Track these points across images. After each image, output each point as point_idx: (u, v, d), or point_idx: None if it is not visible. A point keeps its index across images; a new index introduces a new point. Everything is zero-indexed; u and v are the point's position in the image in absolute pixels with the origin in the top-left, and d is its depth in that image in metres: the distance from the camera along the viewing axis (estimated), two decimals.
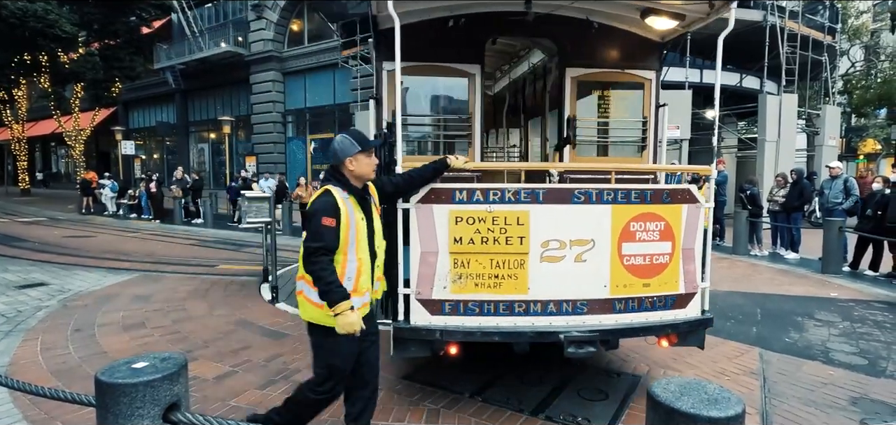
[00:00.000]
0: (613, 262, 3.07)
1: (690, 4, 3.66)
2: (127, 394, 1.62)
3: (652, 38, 4.31)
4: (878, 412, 3.41)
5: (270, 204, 6.27)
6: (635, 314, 3.15)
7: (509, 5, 3.87)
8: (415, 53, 3.82)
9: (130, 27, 21.63)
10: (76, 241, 11.78)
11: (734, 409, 1.42)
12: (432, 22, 3.87)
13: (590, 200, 3.03)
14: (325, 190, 2.47)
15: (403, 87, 3.95)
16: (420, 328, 3.07)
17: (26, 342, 4.72)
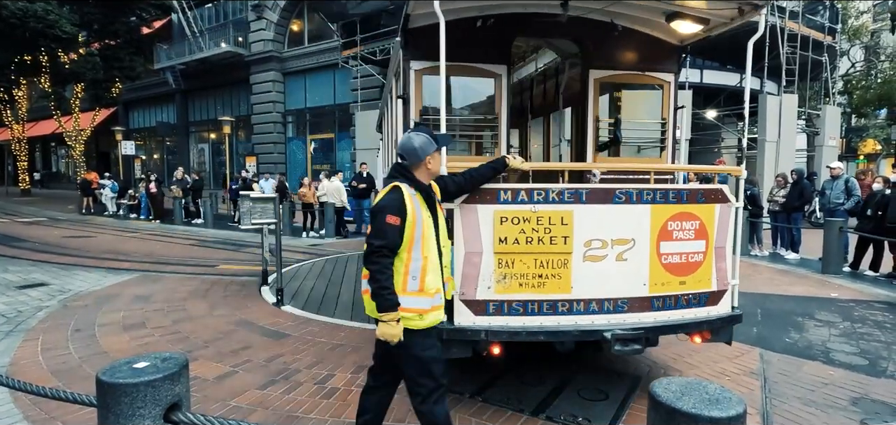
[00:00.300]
0: (652, 261, 3.12)
1: (719, 10, 3.72)
2: (128, 394, 1.62)
3: (671, 41, 4.40)
4: (879, 412, 3.41)
5: (275, 204, 6.19)
6: (672, 311, 3.20)
7: (546, 7, 3.90)
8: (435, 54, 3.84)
9: (130, 27, 21.64)
10: (76, 242, 11.78)
11: (735, 409, 1.43)
12: (460, 22, 3.88)
13: (631, 200, 3.07)
14: (393, 186, 2.41)
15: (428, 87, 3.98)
16: (464, 328, 3.07)
17: (26, 342, 4.72)
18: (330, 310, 5.87)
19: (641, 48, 4.38)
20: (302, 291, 6.75)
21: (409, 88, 3.94)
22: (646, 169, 4.26)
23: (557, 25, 3.99)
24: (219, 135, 23.52)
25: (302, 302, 6.20)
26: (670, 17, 3.84)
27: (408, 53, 3.93)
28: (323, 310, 5.84)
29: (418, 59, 3.94)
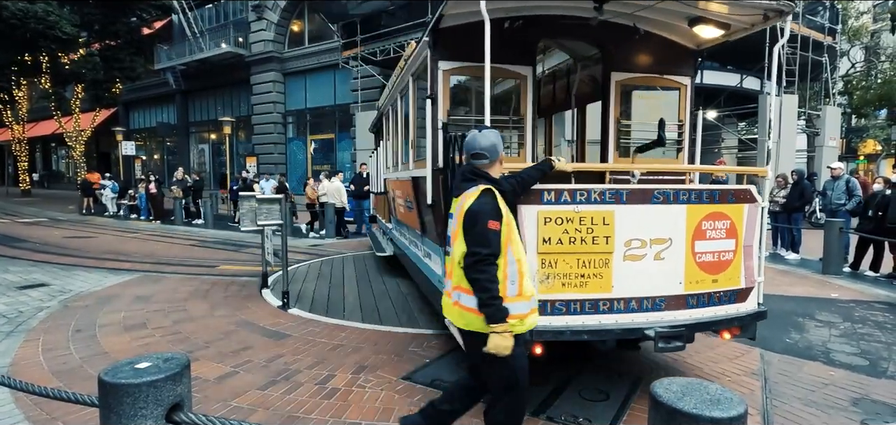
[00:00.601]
0: (687, 260, 3.20)
1: (744, 16, 3.80)
2: (130, 395, 1.62)
3: (688, 45, 4.51)
4: (879, 412, 3.41)
5: (281, 205, 6.10)
6: (705, 309, 3.28)
7: (580, 11, 3.94)
8: (470, 54, 3.93)
9: (131, 28, 21.67)
10: (77, 242, 11.79)
11: (736, 410, 1.43)
12: (492, 21, 3.87)
13: (668, 200, 3.15)
14: (485, 190, 2.32)
15: (454, 86, 4.02)
16: None
17: (27, 342, 4.72)
18: (338, 312, 5.77)
19: (660, 52, 4.48)
20: (305, 292, 6.73)
21: (437, 88, 3.92)
22: (683, 170, 4.50)
23: (581, 28, 4.07)
24: (219, 136, 23.54)
25: (307, 304, 6.12)
26: (693, 21, 3.93)
27: (436, 53, 3.94)
28: (331, 313, 5.71)
29: (446, 59, 3.97)
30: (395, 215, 6.79)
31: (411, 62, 4.80)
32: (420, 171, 4.53)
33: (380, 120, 8.81)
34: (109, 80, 21.35)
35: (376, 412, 3.34)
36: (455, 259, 2.32)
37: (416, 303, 6.06)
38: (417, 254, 5.35)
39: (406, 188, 5.22)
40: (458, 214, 2.34)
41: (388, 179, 7.12)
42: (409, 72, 4.90)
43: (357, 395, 3.59)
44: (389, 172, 7.09)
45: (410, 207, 5.15)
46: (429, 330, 5.03)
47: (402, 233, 6.51)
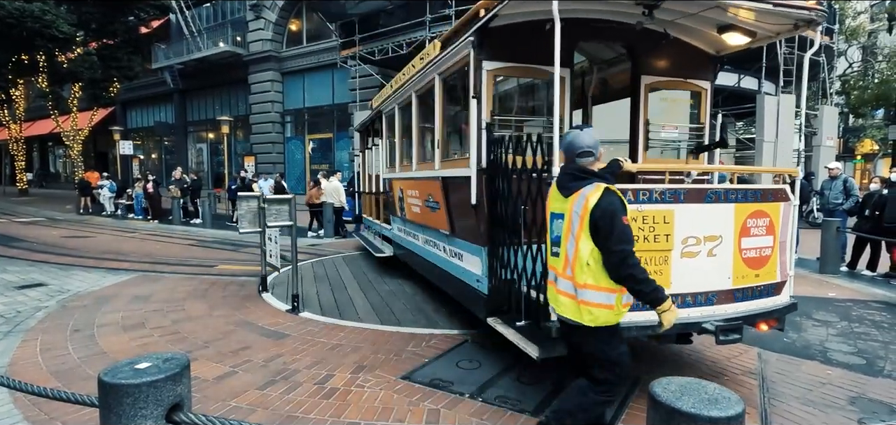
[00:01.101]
0: (735, 256, 3.34)
1: (776, 25, 3.96)
2: (130, 395, 1.63)
3: (708, 51, 4.69)
4: (876, 411, 3.43)
5: (291, 206, 5.89)
6: (750, 302, 3.42)
7: (627, 17, 4.07)
8: (513, 54, 4.06)
9: (129, 27, 21.60)
10: (75, 242, 11.76)
11: (734, 409, 1.44)
12: (531, 24, 3.93)
13: (719, 199, 3.30)
14: (606, 188, 2.36)
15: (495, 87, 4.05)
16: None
17: (25, 342, 4.71)
18: (352, 315, 5.63)
19: (683, 57, 4.64)
20: (310, 295, 6.65)
21: (480, 88, 3.94)
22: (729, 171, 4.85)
23: (614, 32, 4.19)
24: (217, 135, 23.49)
25: (316, 307, 5.95)
26: (722, 28, 4.05)
27: (482, 53, 3.95)
28: (346, 316, 5.58)
29: (491, 59, 3.99)
30: (401, 215, 6.71)
31: (440, 61, 4.76)
32: (455, 171, 4.52)
33: (375, 120, 8.77)
34: (107, 80, 21.29)
35: (375, 412, 3.34)
36: (581, 257, 2.35)
37: (431, 304, 6.06)
38: (439, 254, 5.26)
39: (429, 188, 5.16)
40: (581, 213, 2.36)
41: (392, 179, 7.05)
42: (436, 71, 4.86)
43: (356, 395, 3.59)
44: (392, 172, 7.03)
45: (434, 207, 5.08)
46: (451, 331, 5.04)
47: (412, 234, 6.41)
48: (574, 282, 2.40)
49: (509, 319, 3.81)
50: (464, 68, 4.27)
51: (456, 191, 4.52)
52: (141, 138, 29.43)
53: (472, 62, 3.99)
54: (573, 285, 2.41)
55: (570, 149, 2.52)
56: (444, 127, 4.92)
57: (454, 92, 5.11)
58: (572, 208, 2.43)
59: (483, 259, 4.11)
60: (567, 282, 2.44)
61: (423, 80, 5.37)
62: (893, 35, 21.43)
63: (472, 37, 3.96)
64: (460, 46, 4.21)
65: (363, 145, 10.83)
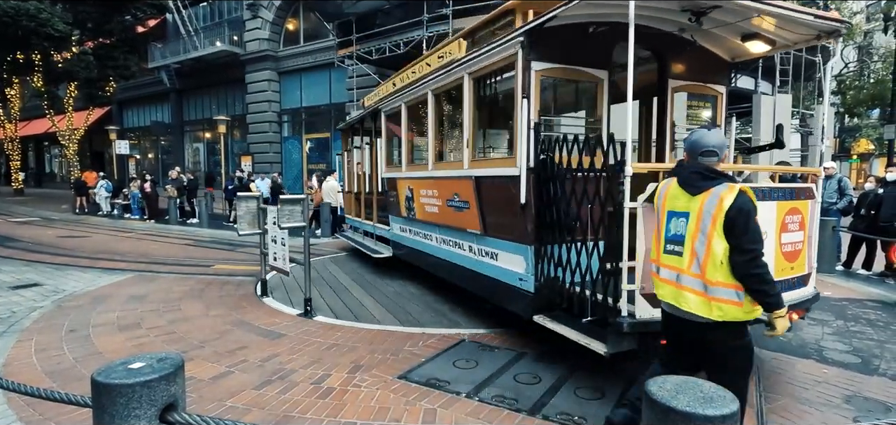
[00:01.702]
0: (776, 250, 3.48)
1: (801, 36, 4.17)
2: (124, 395, 1.61)
3: (725, 57, 4.89)
4: (871, 410, 3.44)
5: (304, 206, 5.71)
6: (788, 293, 3.54)
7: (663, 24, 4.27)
8: (559, 56, 4.13)
9: (125, 26, 21.51)
10: (70, 242, 11.71)
11: (729, 408, 1.44)
12: (575, 26, 4.05)
13: (766, 198, 3.41)
14: (740, 189, 2.39)
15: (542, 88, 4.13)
16: (646, 321, 3.22)
17: (20, 343, 4.69)
18: (367, 317, 5.58)
19: (704, 62, 4.84)
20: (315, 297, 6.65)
21: (530, 88, 3.98)
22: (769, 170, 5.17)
23: (648, 37, 4.31)
24: (214, 135, 23.40)
25: (324, 309, 5.88)
26: (746, 37, 4.18)
27: (531, 54, 3.98)
28: (362, 319, 5.50)
29: (539, 60, 4.03)
30: (408, 215, 6.61)
31: (471, 61, 4.77)
32: (493, 170, 4.56)
33: (365, 118, 8.67)
34: (103, 79, 21.20)
35: (372, 411, 3.34)
36: (715, 256, 2.38)
37: (445, 303, 6.08)
38: (464, 254, 5.23)
39: (454, 187, 5.14)
40: (714, 213, 2.39)
41: (396, 179, 6.94)
42: (466, 71, 4.87)
43: (352, 395, 3.59)
44: (396, 172, 6.95)
45: (461, 207, 5.06)
46: (476, 330, 5.07)
47: (423, 234, 6.32)
48: (704, 280, 2.43)
49: (559, 316, 3.87)
50: (507, 68, 4.32)
51: (495, 191, 4.52)
52: (137, 138, 29.31)
53: (520, 62, 4.03)
54: (702, 282, 2.44)
55: (693, 148, 2.55)
56: (473, 126, 4.92)
57: (489, 91, 5.24)
58: (703, 207, 2.45)
59: (528, 258, 4.13)
60: (694, 279, 2.47)
61: (447, 79, 5.36)
62: (889, 35, 21.52)
63: (522, 37, 3.97)
64: (504, 46, 4.22)
65: (346, 144, 10.74)
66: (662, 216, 2.69)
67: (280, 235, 5.88)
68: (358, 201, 9.84)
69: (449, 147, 6.57)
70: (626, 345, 3.32)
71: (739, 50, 4.71)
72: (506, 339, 4.76)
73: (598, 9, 3.81)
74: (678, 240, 2.56)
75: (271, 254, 6.25)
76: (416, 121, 6.60)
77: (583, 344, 3.50)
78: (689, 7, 3.75)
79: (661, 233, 2.70)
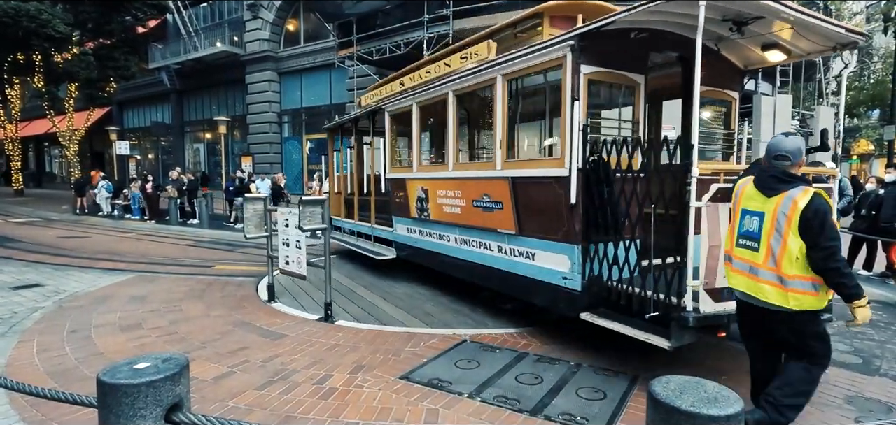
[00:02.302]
0: None
1: (817, 46, 4.34)
2: (129, 395, 1.62)
3: (739, 65, 5.11)
4: (873, 410, 3.45)
5: (324, 208, 5.54)
6: None
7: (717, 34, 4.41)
8: (605, 60, 4.23)
9: (125, 26, 21.52)
10: (71, 242, 11.71)
11: (733, 408, 1.44)
12: (619, 31, 4.12)
13: None
14: (815, 191, 2.63)
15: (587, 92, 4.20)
16: (709, 315, 3.34)
17: (22, 343, 4.69)
18: (390, 321, 5.49)
19: (722, 69, 5.02)
20: (320, 301, 6.67)
21: (579, 91, 4.05)
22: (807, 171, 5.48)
23: (678, 44, 4.49)
24: (214, 135, 23.41)
25: (341, 314, 5.71)
26: (766, 46, 4.36)
27: (581, 57, 4.05)
28: (386, 323, 5.40)
29: (587, 63, 4.10)
30: (420, 216, 6.55)
31: (507, 62, 4.80)
32: (534, 171, 4.62)
33: (359, 119, 8.54)
34: (103, 79, 21.20)
35: (374, 412, 3.34)
36: (790, 252, 2.63)
37: (465, 304, 6.09)
38: (493, 255, 5.23)
39: (484, 188, 5.17)
40: (789, 214, 2.64)
41: (405, 180, 6.86)
42: (500, 72, 4.90)
43: (354, 395, 3.59)
44: (405, 172, 6.87)
45: (492, 208, 5.08)
46: (506, 330, 5.07)
47: (438, 235, 6.26)
48: (780, 273, 2.69)
49: (608, 313, 3.95)
50: (550, 70, 4.42)
51: (535, 191, 4.55)
52: (137, 138, 29.32)
53: (569, 66, 4.08)
54: (778, 276, 2.70)
55: (769, 152, 2.83)
56: (505, 127, 4.96)
57: (524, 93, 5.38)
58: (778, 208, 2.70)
59: (574, 257, 4.17)
60: (770, 272, 2.73)
61: (475, 80, 5.35)
62: (888, 36, 21.54)
63: (573, 40, 4.02)
64: (550, 49, 4.27)
65: (336, 144, 10.45)
66: (737, 213, 2.97)
67: (294, 237, 5.62)
68: (348, 202, 9.68)
69: (474, 148, 6.61)
70: (688, 339, 3.43)
71: (754, 58, 4.86)
72: (537, 339, 4.77)
73: (652, 16, 3.93)
74: (752, 237, 2.83)
75: (282, 258, 5.92)
76: (431, 122, 6.58)
77: (641, 339, 3.56)
78: (733, 17, 3.87)
79: (735, 228, 2.98)
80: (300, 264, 5.63)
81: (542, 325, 5.12)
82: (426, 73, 6.47)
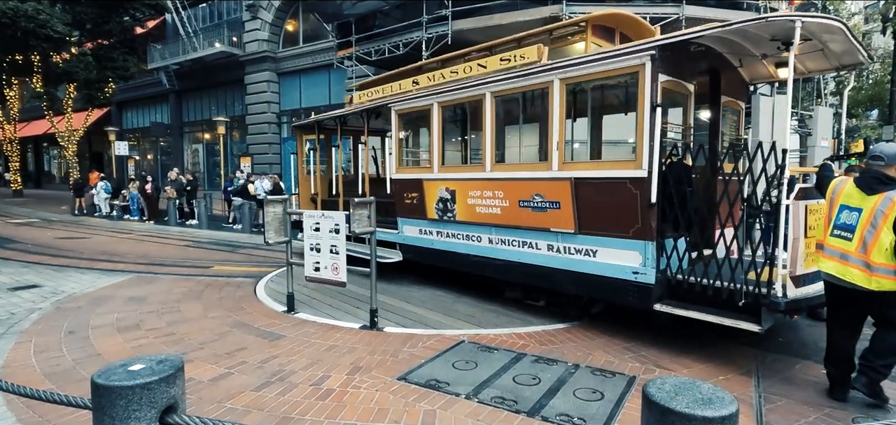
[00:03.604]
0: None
1: (823, 69, 5.11)
2: (124, 397, 1.61)
3: (746, 78, 5.79)
4: (870, 409, 3.45)
5: (371, 210, 5.23)
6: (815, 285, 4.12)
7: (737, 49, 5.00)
8: (673, 69, 4.59)
9: (124, 27, 21.48)
10: (69, 243, 11.70)
11: (728, 409, 1.44)
12: (684, 44, 4.50)
13: None
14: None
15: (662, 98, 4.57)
16: (792, 299, 3.79)
17: (19, 344, 4.68)
18: (434, 323, 5.40)
19: (736, 81, 5.65)
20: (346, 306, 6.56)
21: (657, 99, 4.34)
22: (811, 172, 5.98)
23: (710, 56, 5.00)
24: (213, 136, 23.38)
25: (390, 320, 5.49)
26: (779, 64, 5.03)
27: (660, 67, 4.34)
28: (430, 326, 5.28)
29: (662, 73, 4.40)
30: (442, 217, 6.47)
31: (571, 67, 4.96)
32: (604, 172, 4.87)
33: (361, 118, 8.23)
34: (102, 80, 21.15)
35: (371, 412, 3.34)
36: (882, 245, 3.19)
37: (495, 303, 6.12)
38: (540, 253, 5.37)
39: (537, 188, 5.29)
40: (886, 212, 3.19)
41: (422, 180, 6.69)
42: (558, 76, 5.04)
43: (352, 396, 3.59)
44: (423, 173, 6.71)
45: (546, 207, 5.20)
46: (549, 326, 5.03)
47: (465, 236, 6.23)
48: (868, 260, 3.25)
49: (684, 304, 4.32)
50: (626, 78, 4.71)
51: (603, 191, 4.76)
52: (136, 139, 29.27)
53: (649, 74, 4.34)
54: (866, 262, 3.27)
55: (870, 155, 3.38)
56: (561, 129, 5.09)
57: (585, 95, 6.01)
58: (876, 206, 3.24)
59: (647, 253, 4.45)
60: (859, 259, 3.30)
61: (524, 82, 5.41)
62: (887, 36, 21.55)
63: (653, 50, 4.29)
64: (625, 57, 4.51)
65: (302, 144, 10.22)
66: (835, 207, 3.53)
67: (328, 241, 5.19)
68: (336, 205, 9.00)
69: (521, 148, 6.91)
70: (771, 322, 3.93)
71: (761, 73, 5.54)
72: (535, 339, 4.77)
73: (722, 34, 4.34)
74: (848, 229, 3.39)
75: (310, 264, 5.39)
76: (459, 122, 6.54)
77: (728, 325, 3.99)
78: (781, 37, 4.27)
79: (830, 220, 3.55)
80: (337, 270, 5.19)
81: (592, 321, 5.35)
82: (452, 72, 6.37)
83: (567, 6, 12.45)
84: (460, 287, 6.84)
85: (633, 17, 5.73)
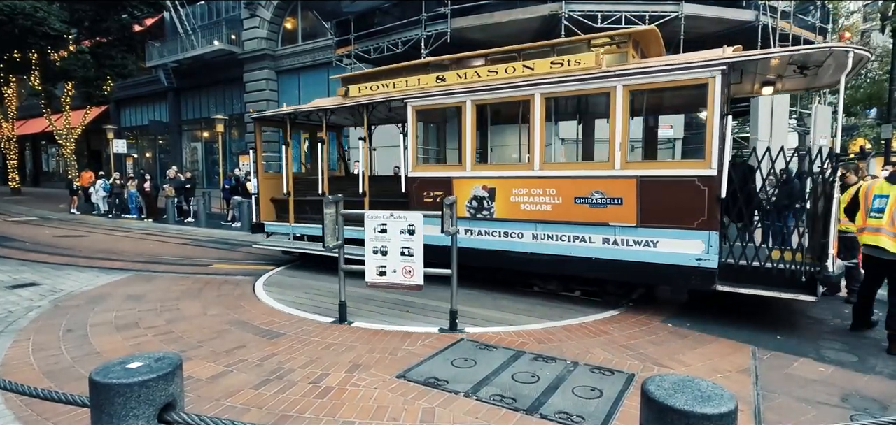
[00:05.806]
0: None
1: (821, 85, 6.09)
2: (122, 394, 1.61)
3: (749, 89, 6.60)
4: (867, 408, 3.46)
5: (454, 209, 4.97)
6: None
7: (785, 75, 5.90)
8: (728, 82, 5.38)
9: (122, 24, 21.41)
10: (68, 241, 11.68)
11: (727, 406, 1.44)
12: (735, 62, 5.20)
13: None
14: None
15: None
16: (838, 274, 4.91)
17: (18, 342, 4.68)
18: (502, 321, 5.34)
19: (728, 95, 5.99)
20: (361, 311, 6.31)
21: (726, 108, 4.99)
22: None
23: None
24: (212, 134, 23.36)
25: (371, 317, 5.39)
26: (766, 83, 5.85)
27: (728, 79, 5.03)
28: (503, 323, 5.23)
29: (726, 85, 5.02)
30: (479, 216, 6.41)
31: (637, 75, 5.32)
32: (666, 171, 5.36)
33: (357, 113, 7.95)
34: (100, 78, 21.10)
35: (370, 411, 3.34)
36: None
37: (536, 297, 6.24)
38: (594, 246, 5.72)
39: (596, 185, 5.65)
40: None
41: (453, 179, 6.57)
42: (621, 83, 5.39)
43: (351, 394, 3.59)
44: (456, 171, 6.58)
45: (605, 203, 5.55)
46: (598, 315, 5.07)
47: (504, 233, 6.23)
48: (895, 231, 4.53)
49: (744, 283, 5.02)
50: (694, 88, 5.26)
51: (670, 188, 5.23)
52: (135, 137, 29.21)
53: (719, 86, 4.92)
54: (894, 232, 4.54)
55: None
56: (625, 131, 5.45)
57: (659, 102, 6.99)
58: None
59: (711, 241, 5.04)
60: (889, 230, 4.57)
61: (583, 86, 5.71)
62: (886, 35, 21.57)
63: (725, 65, 4.91)
64: (697, 69, 5.03)
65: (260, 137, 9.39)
66: (869, 198, 4.80)
67: (399, 243, 4.93)
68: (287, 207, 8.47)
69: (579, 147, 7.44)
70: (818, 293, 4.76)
71: (743, 89, 6.42)
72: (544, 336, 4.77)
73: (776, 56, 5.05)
74: (880, 210, 4.67)
75: (374, 269, 5.06)
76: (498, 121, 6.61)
77: (788, 298, 4.86)
78: (800, 61, 5.17)
79: (866, 208, 4.81)
80: (411, 273, 4.92)
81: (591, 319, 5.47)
82: (489, 72, 6.34)
83: (567, 5, 12.44)
84: (487, 285, 6.75)
85: (653, 29, 6.05)
